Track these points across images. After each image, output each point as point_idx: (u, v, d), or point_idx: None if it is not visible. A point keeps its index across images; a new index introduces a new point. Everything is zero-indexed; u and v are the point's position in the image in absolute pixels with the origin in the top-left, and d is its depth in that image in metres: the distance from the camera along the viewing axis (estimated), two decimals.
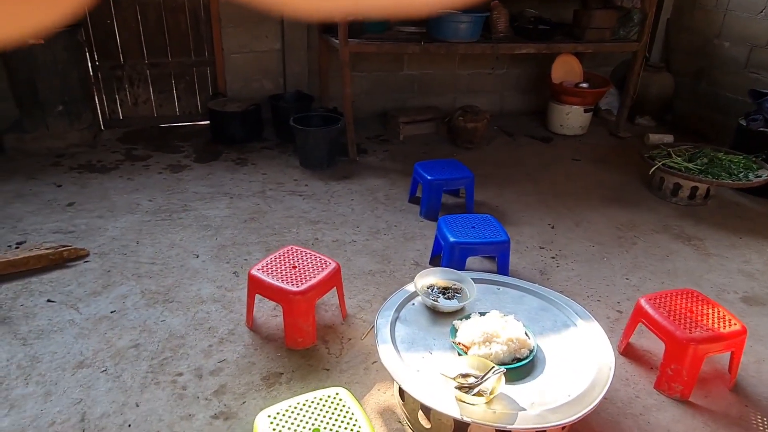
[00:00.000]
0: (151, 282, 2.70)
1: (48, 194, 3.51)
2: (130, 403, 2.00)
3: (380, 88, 5.11)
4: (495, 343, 1.88)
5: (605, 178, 4.16)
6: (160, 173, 3.90)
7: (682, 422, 2.05)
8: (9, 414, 1.93)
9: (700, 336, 2.08)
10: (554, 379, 1.85)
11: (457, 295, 2.21)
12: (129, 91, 4.63)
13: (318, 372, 2.20)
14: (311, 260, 2.42)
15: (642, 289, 2.82)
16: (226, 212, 3.40)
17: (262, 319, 2.48)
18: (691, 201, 3.74)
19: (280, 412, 1.64)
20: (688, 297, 2.30)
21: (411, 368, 1.85)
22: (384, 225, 3.35)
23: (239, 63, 4.68)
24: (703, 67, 5.03)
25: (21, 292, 2.58)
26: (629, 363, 2.33)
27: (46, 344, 2.27)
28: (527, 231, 3.36)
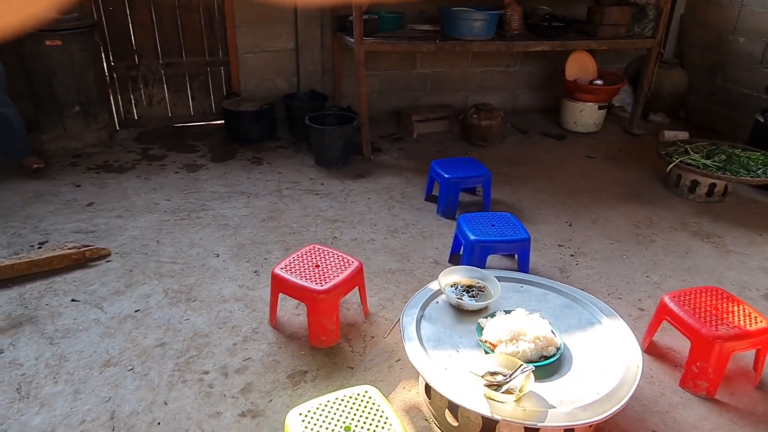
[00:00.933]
0: (173, 281, 2.72)
1: (67, 194, 3.53)
2: (159, 402, 2.02)
3: (393, 86, 5.11)
4: (522, 341, 1.89)
5: (621, 176, 4.14)
6: (176, 173, 3.92)
7: (709, 420, 2.05)
8: (40, 412, 1.95)
9: (726, 333, 2.08)
10: (582, 377, 1.85)
11: (481, 293, 2.21)
12: (144, 91, 4.65)
13: (342, 370, 2.21)
14: (334, 259, 2.42)
15: (663, 286, 2.81)
16: (244, 211, 3.42)
17: (285, 317, 2.49)
18: (709, 198, 3.72)
19: (311, 410, 1.65)
20: (712, 294, 2.29)
21: (438, 366, 1.85)
22: (401, 223, 3.35)
23: (253, 62, 4.69)
24: (718, 63, 5.00)
25: (45, 291, 2.60)
26: (653, 360, 2.32)
27: (72, 343, 2.29)
28: (545, 229, 3.35)
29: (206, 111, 4.85)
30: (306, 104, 4.52)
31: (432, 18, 4.67)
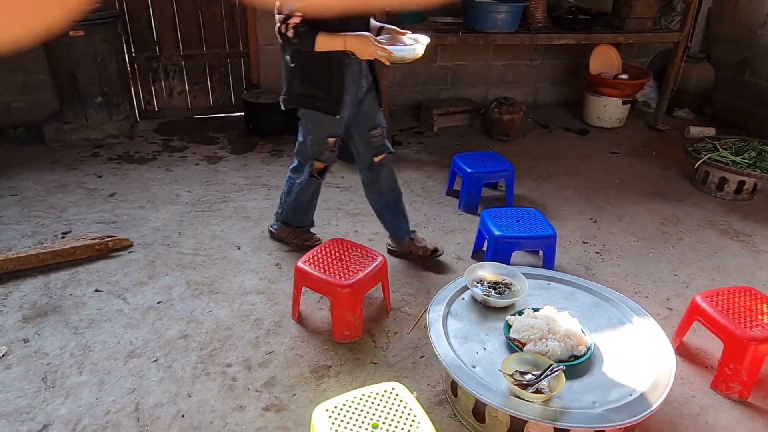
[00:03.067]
0: (195, 273, 2.71)
1: (89, 184, 3.54)
2: (183, 394, 2.01)
3: (413, 79, 5.06)
4: (551, 340, 1.85)
5: (645, 172, 4.07)
6: (197, 164, 3.92)
7: (742, 423, 2.00)
8: (65, 402, 1.95)
9: (761, 335, 2.02)
10: (613, 378, 1.81)
11: (508, 290, 2.17)
12: (164, 82, 4.65)
13: (366, 366, 2.19)
14: (358, 253, 2.40)
15: (692, 286, 2.75)
16: (265, 204, 3.40)
17: (308, 311, 2.47)
18: (738, 196, 3.64)
19: (337, 406, 1.63)
20: (745, 294, 2.23)
21: (466, 365, 1.82)
22: (423, 218, 3.32)
23: (273, 54, 4.66)
24: (746, 58, 4.88)
25: (69, 281, 2.61)
26: (684, 362, 2.27)
27: (96, 333, 2.29)
28: (569, 225, 3.30)
29: (226, 103, 4.84)
30: None
31: (454, 10, 4.61)
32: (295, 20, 2.15)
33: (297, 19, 2.15)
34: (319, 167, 2.69)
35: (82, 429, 1.85)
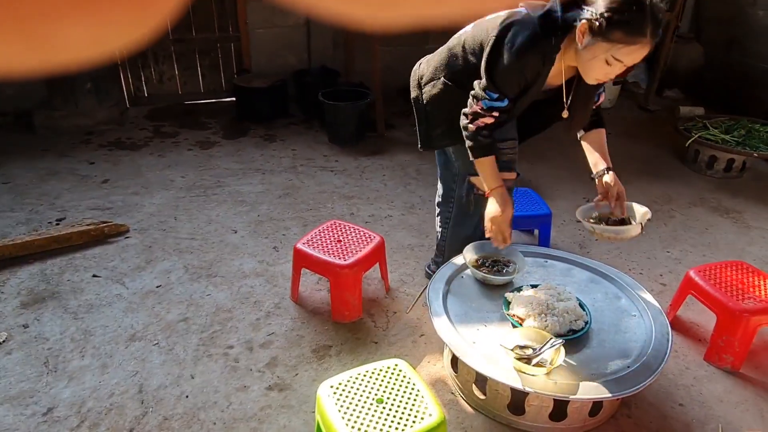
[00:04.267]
0: (193, 257, 2.72)
1: (82, 171, 3.52)
2: (185, 375, 2.03)
3: (404, 62, 5.01)
4: (550, 315, 1.88)
5: (637, 152, 4.10)
6: (190, 150, 3.90)
7: (734, 393, 2.05)
8: (69, 385, 1.96)
9: (753, 307, 2.07)
10: (611, 351, 1.84)
11: (507, 267, 2.20)
12: (154, 68, 4.60)
13: (366, 345, 2.22)
14: (355, 234, 2.41)
15: (684, 262, 2.80)
16: (260, 188, 3.40)
17: (307, 292, 2.49)
18: (727, 173, 3.69)
19: (342, 383, 1.65)
20: (737, 268, 2.27)
21: (467, 341, 1.85)
22: (418, 200, 3.33)
23: (264, 38, 4.63)
24: (736, 37, 4.92)
25: (66, 267, 2.60)
26: (677, 335, 2.32)
27: (96, 318, 2.29)
28: (562, 205, 3.33)
29: (217, 88, 4.81)
30: (318, 80, 4.47)
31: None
32: (487, 120, 1.88)
33: (491, 119, 1.88)
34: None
35: (87, 411, 1.86)
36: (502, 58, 1.79)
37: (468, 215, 2.27)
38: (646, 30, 1.58)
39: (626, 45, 1.61)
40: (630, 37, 1.60)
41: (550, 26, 1.73)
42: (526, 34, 1.74)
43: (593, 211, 2.06)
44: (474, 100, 1.89)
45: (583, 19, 1.65)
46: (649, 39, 1.60)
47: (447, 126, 2.10)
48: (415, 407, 1.57)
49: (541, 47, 1.75)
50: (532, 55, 1.76)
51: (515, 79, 1.82)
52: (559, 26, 1.72)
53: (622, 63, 1.66)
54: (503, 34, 1.79)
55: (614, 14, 1.58)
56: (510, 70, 1.79)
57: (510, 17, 1.81)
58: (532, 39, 1.74)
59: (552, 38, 1.73)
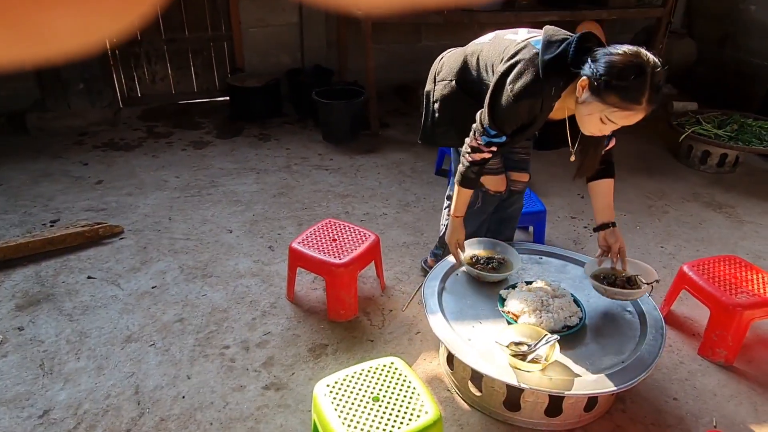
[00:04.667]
0: (188, 257, 2.71)
1: (75, 172, 3.51)
2: (182, 376, 2.03)
3: (398, 60, 5.04)
4: (545, 312, 1.89)
5: (631, 147, 4.12)
6: (183, 150, 3.89)
7: (728, 387, 2.06)
8: (65, 387, 1.95)
9: (746, 301, 2.08)
10: (606, 346, 1.86)
11: (501, 265, 2.20)
12: (146, 68, 4.58)
13: (362, 343, 2.22)
14: (350, 233, 2.41)
15: (678, 257, 2.82)
16: (255, 187, 3.40)
17: (302, 292, 2.49)
18: (720, 168, 3.71)
19: (338, 382, 1.65)
20: (730, 263, 2.29)
21: (462, 338, 1.86)
22: (413, 198, 3.34)
23: (257, 37, 4.62)
24: (728, 33, 4.93)
25: (61, 269, 2.59)
26: (671, 329, 2.33)
27: (92, 319, 2.29)
28: (557, 201, 3.34)
29: (210, 87, 4.79)
30: (311, 79, 4.47)
31: None
32: (485, 155, 1.92)
33: (488, 154, 1.91)
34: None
35: (83, 413, 1.86)
36: (502, 97, 1.79)
37: (473, 211, 2.28)
38: (642, 99, 1.55)
39: (621, 110, 1.58)
40: (625, 103, 1.57)
41: (555, 72, 1.69)
42: (527, 79, 1.72)
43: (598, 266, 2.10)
44: (475, 133, 1.91)
45: (585, 76, 1.62)
46: (645, 107, 1.57)
47: (449, 127, 2.11)
48: (411, 405, 1.58)
49: (540, 94, 1.73)
50: (530, 100, 1.74)
51: (513, 119, 1.82)
52: (564, 75, 1.69)
53: (615, 124, 1.64)
54: (508, 71, 1.78)
55: (613, 79, 1.55)
56: (508, 111, 1.79)
57: (520, 51, 1.78)
58: (533, 85, 1.71)
59: (553, 87, 1.71)
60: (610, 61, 1.56)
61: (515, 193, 2.36)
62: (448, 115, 2.12)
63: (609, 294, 1.97)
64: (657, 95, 1.57)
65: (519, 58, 1.76)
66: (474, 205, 2.26)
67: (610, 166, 2.07)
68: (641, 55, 1.56)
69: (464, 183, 2.02)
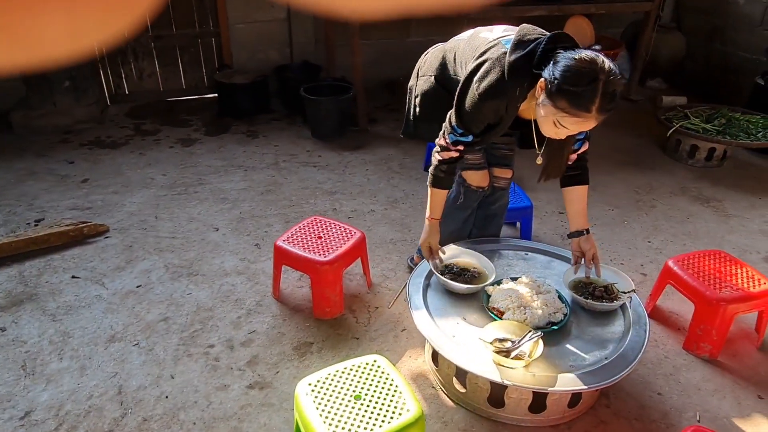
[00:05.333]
0: (174, 256, 2.69)
1: (60, 171, 3.48)
2: (165, 376, 2.02)
3: (386, 56, 5.02)
4: (529, 308, 1.89)
5: (619, 142, 4.12)
6: (171, 147, 3.86)
7: (712, 381, 2.07)
8: (47, 388, 1.94)
9: (729, 296, 2.09)
10: (589, 343, 1.86)
11: (474, 278, 2.10)
12: (134, 65, 4.54)
13: (348, 341, 2.21)
14: (336, 230, 2.40)
15: (664, 251, 2.82)
16: (242, 185, 3.38)
17: (288, 290, 2.48)
18: (708, 163, 3.72)
19: (320, 380, 1.65)
20: (715, 257, 2.29)
21: (446, 334, 1.85)
22: (401, 194, 3.33)
23: (244, 34, 4.59)
24: (717, 26, 4.94)
25: (44, 269, 2.57)
26: (657, 324, 2.34)
27: (75, 319, 2.27)
28: (545, 197, 3.34)
29: (198, 84, 4.76)
30: (299, 75, 4.44)
31: None
32: (452, 154, 1.91)
33: (456, 153, 1.91)
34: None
35: (65, 414, 1.85)
36: (467, 96, 1.78)
37: (457, 208, 2.27)
38: (592, 107, 1.53)
39: (570, 116, 1.57)
40: (574, 109, 1.55)
41: (519, 74, 1.68)
42: (492, 78, 1.71)
43: (578, 274, 2.10)
44: (443, 132, 1.91)
45: (543, 77, 1.61)
46: (595, 115, 1.55)
47: (429, 122, 2.10)
48: (393, 403, 1.57)
49: (504, 95, 1.72)
50: (494, 100, 1.73)
51: (479, 119, 1.81)
52: (529, 75, 1.67)
53: (567, 129, 1.62)
54: (475, 70, 1.77)
55: (565, 83, 1.53)
56: (473, 110, 1.78)
57: (490, 50, 1.77)
58: (497, 85, 1.70)
59: (518, 88, 1.70)
60: (565, 66, 1.54)
61: (499, 189, 2.34)
62: (427, 111, 2.11)
63: (588, 306, 1.97)
64: (610, 104, 1.54)
65: (487, 57, 1.75)
66: (456, 201, 2.25)
67: (584, 172, 2.04)
68: (597, 62, 1.53)
69: (435, 183, 2.01)
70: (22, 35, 0.21)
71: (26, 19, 0.20)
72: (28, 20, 0.20)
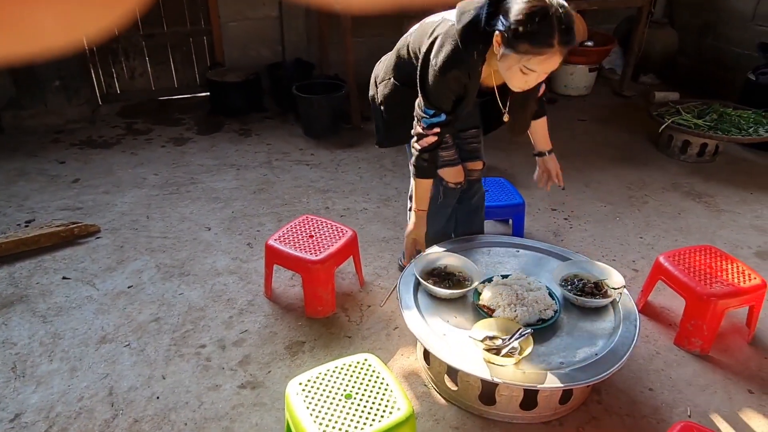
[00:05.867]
0: (165, 256, 2.69)
1: (51, 171, 3.46)
2: (157, 376, 2.01)
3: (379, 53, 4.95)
4: (520, 305, 1.89)
5: (612, 138, 4.13)
6: (163, 146, 3.84)
7: (703, 376, 2.08)
8: (37, 390, 1.93)
9: (720, 291, 2.09)
10: (580, 339, 1.86)
11: (459, 283, 2.08)
12: (125, 64, 4.52)
13: (340, 339, 2.21)
14: (327, 229, 2.40)
15: (656, 247, 2.83)
16: (234, 184, 3.37)
17: (280, 289, 2.47)
18: (700, 158, 3.72)
19: (311, 380, 1.64)
20: (706, 253, 2.30)
21: (437, 333, 1.85)
22: (394, 192, 3.32)
23: (236, 31, 4.57)
24: (709, 22, 4.94)
25: (35, 270, 2.56)
26: (648, 320, 2.34)
27: (66, 321, 2.26)
28: (538, 193, 3.34)
29: (190, 83, 4.74)
30: (292, 73, 4.42)
31: None
32: (430, 139, 1.92)
33: (434, 137, 1.92)
34: None
35: (56, 416, 1.84)
36: (429, 75, 1.82)
37: (437, 207, 2.27)
38: (553, 41, 1.58)
39: (535, 56, 1.61)
40: (537, 48, 1.59)
41: (472, 38, 1.72)
42: (448, 50, 1.75)
43: (566, 270, 2.12)
44: (416, 121, 1.94)
45: (497, 31, 1.65)
46: (558, 48, 1.59)
47: (401, 124, 2.10)
48: (383, 402, 1.57)
49: (463, 63, 1.76)
50: (455, 71, 1.77)
51: (445, 94, 1.85)
52: (482, 37, 1.72)
53: (536, 72, 1.66)
54: (429, 49, 1.82)
55: (519, 26, 1.58)
56: (437, 86, 1.82)
57: (437, 27, 1.83)
58: (454, 55, 1.75)
59: (474, 52, 1.74)
60: (516, 11, 1.59)
61: (474, 182, 2.39)
62: (396, 113, 2.14)
63: (579, 302, 1.97)
64: (568, 36, 1.59)
65: (437, 34, 1.81)
66: (437, 200, 2.26)
67: (541, 107, 2.17)
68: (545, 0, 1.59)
69: (419, 173, 2.03)
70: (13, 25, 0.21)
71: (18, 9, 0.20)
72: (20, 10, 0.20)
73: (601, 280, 2.05)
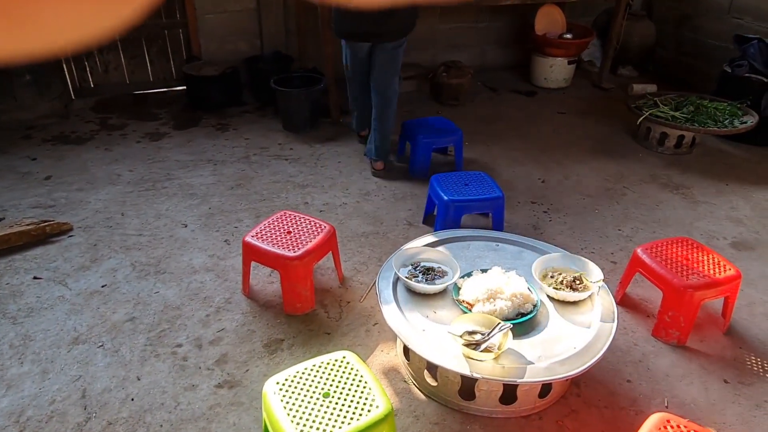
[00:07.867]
0: (141, 254, 2.63)
1: (22, 168, 3.37)
2: (131, 377, 1.97)
3: None
4: (499, 299, 1.88)
5: (591, 131, 4.14)
6: (138, 142, 3.77)
7: (680, 366, 2.10)
8: (7, 394, 1.88)
9: (696, 282, 2.11)
10: (558, 332, 1.86)
11: (438, 277, 2.06)
12: (99, 57, 4.42)
13: (319, 336, 2.19)
14: (305, 224, 2.37)
15: (634, 239, 2.85)
16: (211, 179, 3.31)
17: (259, 286, 2.44)
18: (677, 150, 3.76)
19: (288, 378, 1.62)
20: (683, 245, 2.32)
21: (416, 328, 1.84)
22: (374, 186, 3.30)
23: (213, 24, 4.49)
24: (686, 14, 4.98)
25: (5, 270, 2.49)
26: (626, 312, 2.36)
27: (37, 322, 2.21)
28: (518, 186, 3.34)
29: (166, 77, 4.65)
30: (270, 66, 4.36)
31: None
32: None
33: None
34: None
35: (26, 420, 1.79)
36: None
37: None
38: None
39: None
40: None
41: None
42: None
43: (546, 264, 2.11)
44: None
45: None
46: None
47: None
48: (362, 400, 1.56)
49: None
50: None
51: None
52: None
53: None
54: None
55: None
56: None
57: None
58: None
59: None
60: None
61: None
62: None
63: (558, 296, 1.98)
64: None
65: None
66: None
67: None
68: None
69: None
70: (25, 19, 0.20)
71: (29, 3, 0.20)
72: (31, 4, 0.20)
73: (580, 274, 2.05)
